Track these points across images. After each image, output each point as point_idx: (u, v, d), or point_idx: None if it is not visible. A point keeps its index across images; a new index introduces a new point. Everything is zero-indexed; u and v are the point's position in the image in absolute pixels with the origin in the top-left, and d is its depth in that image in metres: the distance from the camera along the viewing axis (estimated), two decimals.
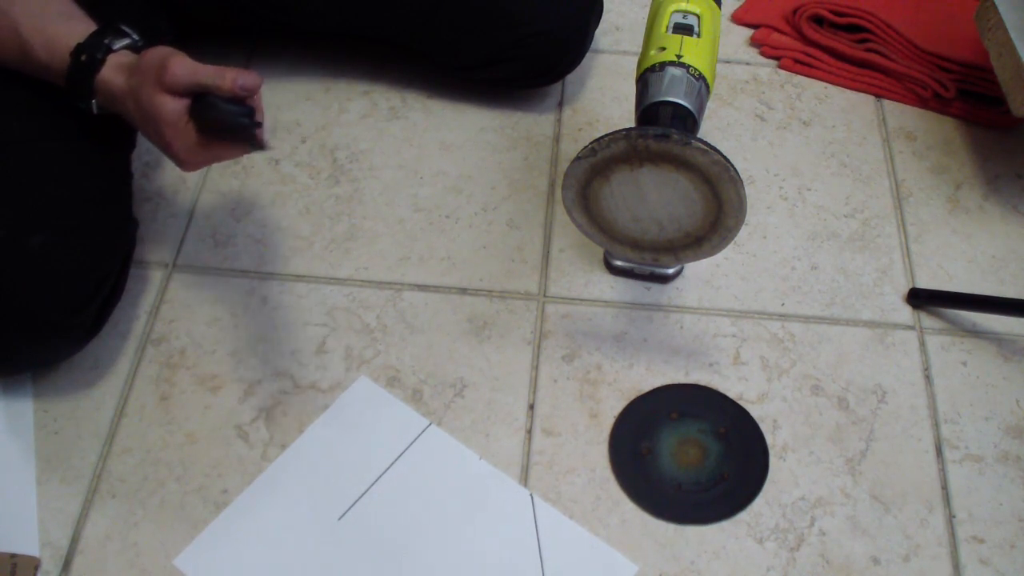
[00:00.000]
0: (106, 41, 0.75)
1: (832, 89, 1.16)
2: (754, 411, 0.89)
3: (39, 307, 0.79)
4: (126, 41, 0.76)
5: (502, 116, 1.12)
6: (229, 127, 0.72)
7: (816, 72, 1.17)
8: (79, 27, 0.76)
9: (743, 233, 1.01)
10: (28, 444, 0.86)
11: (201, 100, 0.72)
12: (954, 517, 0.83)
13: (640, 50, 0.84)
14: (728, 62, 1.18)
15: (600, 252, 0.99)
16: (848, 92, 1.16)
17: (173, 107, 0.71)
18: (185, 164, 0.75)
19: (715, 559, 0.80)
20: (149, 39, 0.78)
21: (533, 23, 1.01)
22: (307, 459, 0.85)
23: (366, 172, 1.06)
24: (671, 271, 0.97)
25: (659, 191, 0.75)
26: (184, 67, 0.71)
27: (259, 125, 0.72)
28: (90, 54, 0.75)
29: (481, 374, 0.91)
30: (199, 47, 0.78)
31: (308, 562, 0.80)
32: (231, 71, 0.71)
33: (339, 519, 0.82)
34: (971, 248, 1.01)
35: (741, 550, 0.81)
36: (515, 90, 1.12)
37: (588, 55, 1.17)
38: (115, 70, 0.74)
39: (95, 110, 0.77)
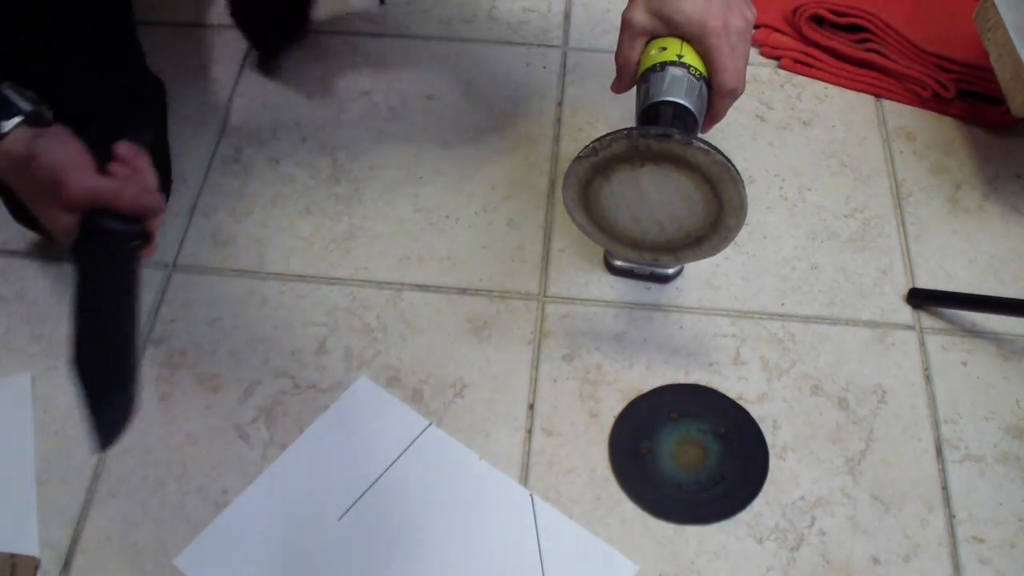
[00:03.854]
0: None
1: (832, 89, 1.16)
2: (754, 411, 0.89)
3: None
4: (15, 120, 0.65)
5: (502, 116, 1.11)
6: (114, 259, 0.66)
7: (816, 72, 1.17)
8: None
9: (743, 233, 1.01)
10: (28, 444, 0.86)
11: (90, 222, 0.65)
12: (954, 517, 0.83)
13: None
14: None
15: (600, 252, 0.99)
16: (848, 92, 1.16)
17: (66, 224, 0.65)
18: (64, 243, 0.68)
19: (715, 559, 0.80)
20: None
21: None
22: (307, 459, 0.85)
23: (366, 172, 1.06)
24: (671, 271, 0.97)
25: (660, 191, 0.75)
26: (80, 187, 0.63)
27: (147, 243, 0.67)
28: None
29: (481, 374, 0.91)
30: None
31: (308, 562, 0.79)
32: (129, 189, 0.65)
33: (339, 519, 0.82)
34: (971, 248, 1.01)
35: (741, 550, 0.81)
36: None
37: (588, 55, 1.18)
38: (6, 161, 0.65)
39: None
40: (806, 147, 1.10)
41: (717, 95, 0.76)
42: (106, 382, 0.63)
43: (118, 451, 0.85)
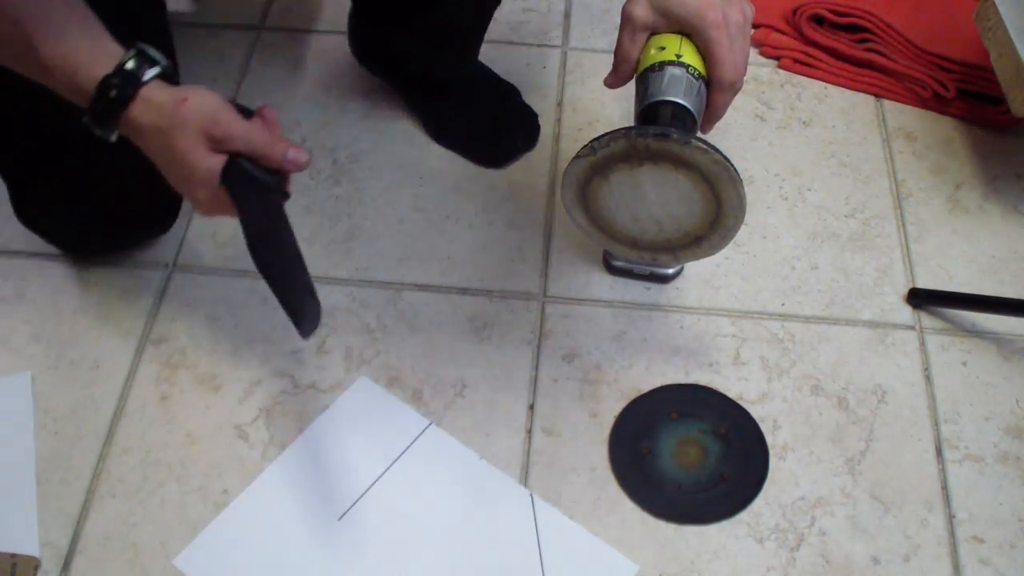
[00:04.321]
0: (136, 73, 0.66)
1: (832, 89, 1.16)
2: (754, 411, 0.89)
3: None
4: (156, 70, 0.67)
5: None
6: (257, 203, 0.69)
7: (816, 72, 1.17)
8: (104, 52, 0.67)
9: (743, 233, 1.01)
10: (28, 444, 0.86)
11: (237, 166, 0.67)
12: (954, 517, 0.83)
13: None
14: None
15: (600, 252, 0.99)
16: (848, 92, 1.16)
17: (211, 165, 0.66)
18: (205, 213, 0.71)
19: (715, 559, 0.80)
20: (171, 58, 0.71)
21: None
22: (307, 459, 0.85)
23: (366, 172, 1.06)
24: (671, 271, 0.97)
25: (658, 190, 0.75)
26: (238, 126, 0.66)
27: (287, 197, 0.70)
28: (120, 90, 0.66)
29: (481, 374, 0.91)
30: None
31: (308, 562, 0.79)
32: (282, 144, 0.68)
33: (339, 519, 0.82)
34: (971, 248, 1.01)
35: (741, 550, 0.81)
36: None
37: (588, 55, 1.18)
38: (144, 106, 0.66)
39: (113, 139, 0.69)
40: (806, 147, 1.10)
41: (716, 89, 0.76)
42: (299, 290, 0.74)
43: (118, 451, 0.86)
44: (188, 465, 0.85)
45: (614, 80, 0.81)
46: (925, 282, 0.98)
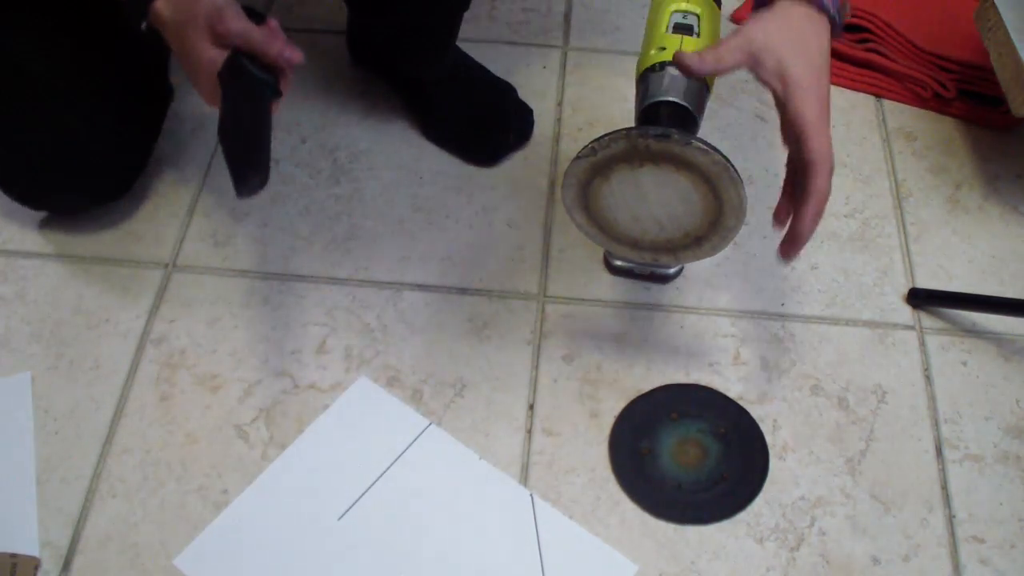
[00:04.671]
0: None
1: (832, 89, 1.16)
2: (754, 411, 0.89)
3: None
4: None
5: None
6: (251, 96, 0.75)
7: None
8: None
9: (743, 233, 1.01)
10: (28, 444, 0.86)
11: (236, 61, 0.74)
12: (954, 517, 0.83)
13: (640, 50, 0.84)
14: None
15: (600, 252, 0.99)
16: (848, 92, 1.16)
17: (212, 57, 0.73)
18: (208, 102, 0.77)
19: (715, 559, 0.80)
20: None
21: None
22: (307, 459, 0.85)
23: (366, 172, 1.06)
24: (671, 271, 0.97)
25: (659, 191, 0.75)
26: (238, 24, 0.72)
27: (279, 95, 0.76)
28: None
29: (481, 374, 0.91)
30: None
31: (308, 562, 0.80)
32: (278, 41, 0.74)
33: (339, 519, 0.82)
34: (971, 248, 1.01)
35: (741, 550, 0.81)
36: None
37: (588, 55, 1.18)
38: (166, 2, 0.74)
39: (144, 29, 0.77)
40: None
41: (815, 172, 0.69)
42: (247, 159, 0.77)
43: (118, 451, 0.86)
44: (188, 465, 0.85)
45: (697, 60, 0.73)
46: (925, 282, 0.98)
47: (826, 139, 0.70)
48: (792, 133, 0.71)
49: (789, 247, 0.73)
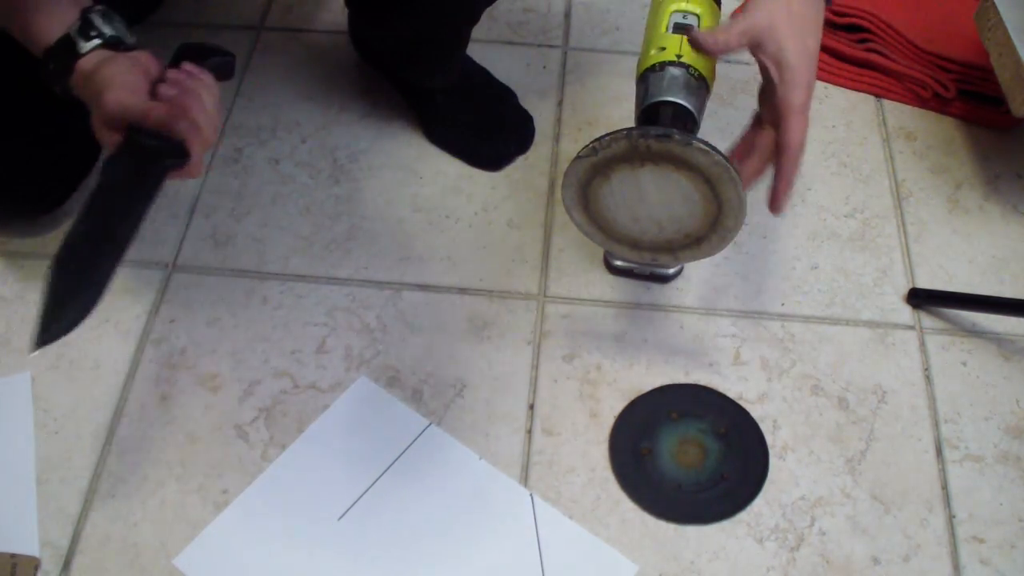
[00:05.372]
0: (75, 45, 0.68)
1: (832, 89, 1.16)
2: (754, 411, 0.89)
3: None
4: (94, 42, 0.69)
5: None
6: (143, 167, 0.68)
7: (816, 72, 1.17)
8: (58, 19, 0.69)
9: (743, 233, 1.01)
10: (28, 444, 0.86)
11: (131, 138, 0.67)
12: (954, 517, 0.83)
13: (640, 50, 0.84)
14: (728, 62, 1.18)
15: (600, 252, 0.99)
16: (848, 92, 1.16)
17: (109, 140, 0.68)
18: None
19: (715, 559, 0.80)
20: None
21: None
22: (307, 459, 0.85)
23: (366, 172, 1.06)
24: (671, 271, 0.97)
25: (659, 191, 0.75)
26: (113, 102, 0.66)
27: (186, 157, 0.68)
28: (58, 62, 0.69)
29: (481, 374, 0.91)
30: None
31: (308, 562, 0.79)
32: (159, 110, 0.67)
33: (339, 519, 0.82)
34: (971, 248, 1.01)
35: (741, 550, 0.81)
36: None
37: (588, 55, 1.18)
38: (79, 78, 0.69)
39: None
40: (806, 147, 1.10)
41: (788, 111, 0.74)
42: (80, 279, 0.67)
43: (118, 451, 0.86)
44: (188, 465, 0.85)
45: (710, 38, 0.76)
46: (925, 282, 0.98)
47: (804, 124, 0.74)
48: (773, 113, 0.75)
49: (775, 203, 0.78)
